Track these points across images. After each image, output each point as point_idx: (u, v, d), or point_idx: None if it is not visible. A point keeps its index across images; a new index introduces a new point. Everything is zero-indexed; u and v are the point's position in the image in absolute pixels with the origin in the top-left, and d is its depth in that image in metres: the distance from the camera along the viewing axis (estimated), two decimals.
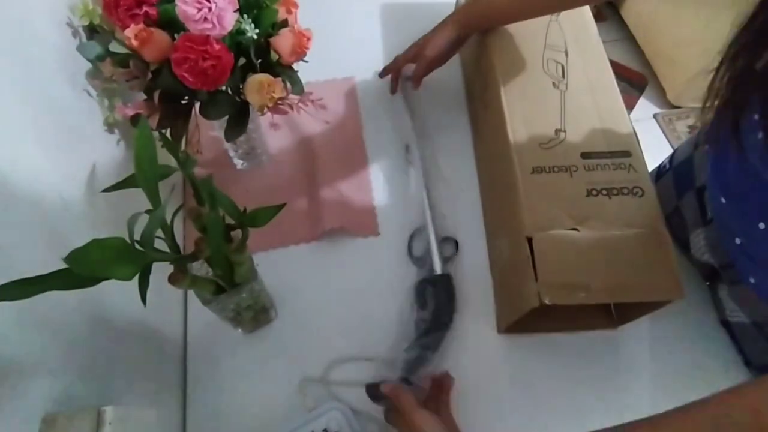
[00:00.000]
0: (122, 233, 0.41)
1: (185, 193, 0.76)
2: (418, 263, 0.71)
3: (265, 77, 0.56)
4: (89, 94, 0.56)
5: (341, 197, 0.76)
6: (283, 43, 0.57)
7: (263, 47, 0.58)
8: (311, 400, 0.62)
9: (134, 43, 0.50)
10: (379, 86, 0.88)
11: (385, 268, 0.71)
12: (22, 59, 0.45)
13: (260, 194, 0.77)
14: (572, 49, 0.71)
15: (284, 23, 0.58)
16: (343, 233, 0.73)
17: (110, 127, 0.59)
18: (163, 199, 0.45)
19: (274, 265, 0.62)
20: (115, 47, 0.54)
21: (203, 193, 0.50)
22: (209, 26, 0.50)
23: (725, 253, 0.60)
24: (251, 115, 0.62)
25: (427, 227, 0.72)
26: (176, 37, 0.52)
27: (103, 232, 0.52)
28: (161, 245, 0.46)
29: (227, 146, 0.73)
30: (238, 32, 0.54)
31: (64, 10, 0.54)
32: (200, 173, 0.67)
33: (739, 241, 0.55)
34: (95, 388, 0.45)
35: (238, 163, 0.78)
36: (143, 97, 0.57)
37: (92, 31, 0.56)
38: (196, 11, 0.49)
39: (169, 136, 0.58)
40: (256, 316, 0.63)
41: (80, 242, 0.37)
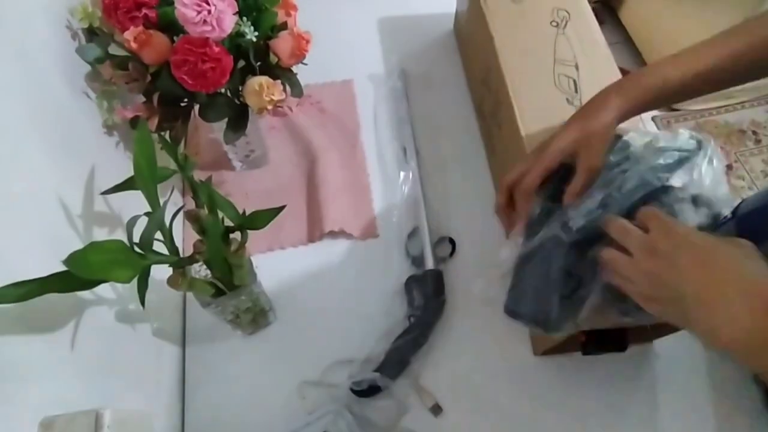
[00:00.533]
0: (121, 236, 0.41)
1: (184, 195, 0.76)
2: (414, 263, 0.71)
3: (264, 80, 0.56)
4: (88, 96, 0.56)
5: (340, 199, 0.76)
6: (282, 45, 0.57)
7: (262, 50, 0.58)
8: (310, 402, 0.62)
9: (133, 45, 0.50)
10: (377, 88, 0.88)
11: (384, 269, 0.71)
12: (21, 61, 0.45)
13: (259, 196, 0.77)
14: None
15: (283, 26, 0.58)
16: (341, 235, 0.73)
17: (109, 129, 0.59)
18: (162, 201, 0.45)
19: (273, 267, 0.62)
20: (114, 50, 0.54)
21: (202, 195, 0.50)
22: (208, 29, 0.50)
23: None
24: (250, 117, 0.62)
25: (422, 227, 0.73)
26: (175, 39, 0.52)
27: (102, 234, 0.52)
28: (160, 247, 0.46)
29: (226, 148, 0.73)
30: (237, 35, 0.54)
31: (63, 12, 0.54)
32: (199, 175, 0.67)
33: None
34: (93, 390, 0.45)
35: (237, 165, 0.78)
36: (142, 99, 0.57)
37: (91, 33, 0.56)
38: (195, 14, 0.49)
39: (168, 138, 0.58)
40: (255, 318, 0.63)
41: (79, 245, 0.37)
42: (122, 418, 0.39)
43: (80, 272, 0.37)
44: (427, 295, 0.67)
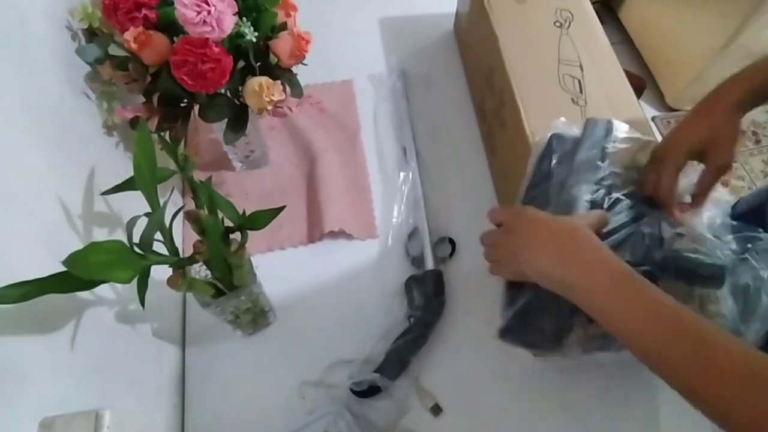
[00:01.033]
0: (121, 236, 0.41)
1: (184, 195, 0.76)
2: (414, 263, 0.71)
3: (264, 80, 0.56)
4: (88, 96, 0.56)
5: (340, 199, 0.76)
6: (282, 46, 0.57)
7: (262, 50, 0.58)
8: (310, 402, 0.62)
9: (133, 46, 0.50)
10: (377, 88, 0.88)
11: (384, 269, 0.71)
12: (21, 62, 0.45)
13: (259, 197, 0.77)
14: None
15: (283, 26, 0.59)
16: (341, 235, 0.73)
17: (109, 129, 0.59)
18: (162, 201, 0.45)
19: (273, 267, 0.62)
20: (114, 50, 0.54)
21: (202, 195, 0.50)
22: (208, 29, 0.50)
23: None
24: (250, 117, 0.62)
25: (422, 227, 0.73)
26: (175, 40, 0.52)
27: (102, 234, 0.52)
28: (160, 248, 0.46)
29: (226, 149, 0.73)
30: (237, 35, 0.54)
31: (63, 13, 0.54)
32: (199, 175, 0.67)
33: None
34: (93, 391, 0.45)
35: (237, 165, 0.78)
36: (142, 99, 0.57)
37: (91, 34, 0.56)
38: (195, 14, 0.49)
39: (168, 138, 0.58)
40: (254, 318, 0.63)
41: (79, 245, 0.37)
42: (122, 418, 0.39)
43: (80, 273, 0.37)
44: (427, 295, 0.67)
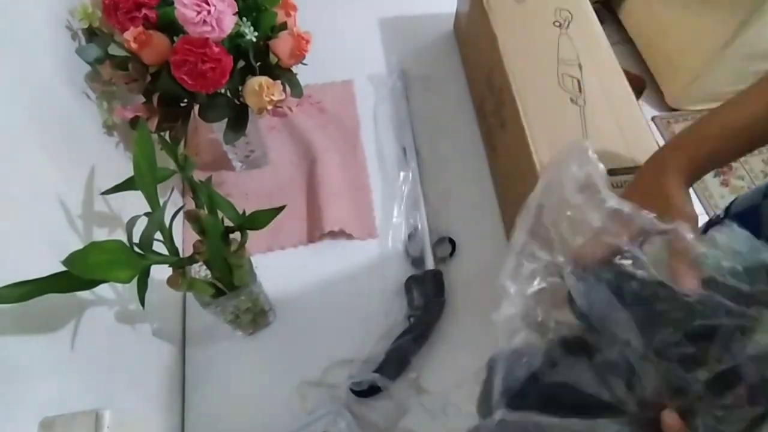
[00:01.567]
0: (121, 236, 0.41)
1: (184, 195, 0.76)
2: (414, 263, 0.71)
3: (264, 80, 0.56)
4: (88, 96, 0.56)
5: (340, 199, 0.76)
6: (282, 45, 0.57)
7: (262, 50, 0.58)
8: (310, 402, 0.62)
9: (133, 45, 0.50)
10: (377, 88, 0.88)
11: (383, 269, 0.71)
12: (21, 62, 0.45)
13: (259, 197, 0.77)
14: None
15: (283, 26, 0.58)
16: (341, 235, 0.73)
17: (109, 129, 0.59)
18: (162, 201, 0.45)
19: (272, 267, 0.62)
20: (114, 50, 0.54)
21: (202, 195, 0.50)
22: (208, 29, 0.50)
23: None
24: (250, 117, 0.62)
25: (422, 227, 0.73)
26: (175, 39, 0.52)
27: (102, 234, 0.52)
28: (160, 248, 0.46)
29: (226, 149, 0.73)
30: (237, 35, 0.54)
31: (63, 12, 0.54)
32: (199, 175, 0.67)
33: None
34: (93, 391, 0.44)
35: (237, 165, 0.78)
36: (142, 99, 0.57)
37: (91, 33, 0.56)
38: (195, 14, 0.49)
39: (168, 138, 0.58)
40: (254, 318, 0.63)
41: (79, 245, 0.37)
42: (122, 418, 0.39)
43: (80, 272, 0.37)
44: (427, 295, 0.67)
